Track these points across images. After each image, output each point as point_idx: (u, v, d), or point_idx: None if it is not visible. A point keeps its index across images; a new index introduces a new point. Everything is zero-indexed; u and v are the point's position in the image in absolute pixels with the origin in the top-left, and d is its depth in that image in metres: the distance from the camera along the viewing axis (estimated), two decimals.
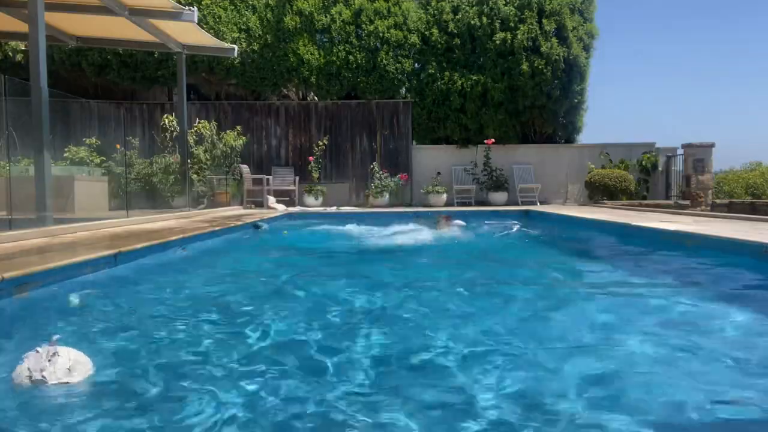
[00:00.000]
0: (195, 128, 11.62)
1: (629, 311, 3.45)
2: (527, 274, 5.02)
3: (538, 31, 12.98)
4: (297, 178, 13.20)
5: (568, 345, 2.74)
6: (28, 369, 2.12)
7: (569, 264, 5.72)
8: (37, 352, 2.18)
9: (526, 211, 10.80)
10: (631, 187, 12.49)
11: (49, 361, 2.13)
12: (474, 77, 13.23)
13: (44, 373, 2.10)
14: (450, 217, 8.76)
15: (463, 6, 13.45)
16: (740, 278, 4.34)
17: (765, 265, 4.22)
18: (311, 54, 13.10)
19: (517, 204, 12.74)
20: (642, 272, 4.79)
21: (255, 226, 8.06)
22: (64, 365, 2.15)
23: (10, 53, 11.72)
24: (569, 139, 14.47)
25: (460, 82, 13.23)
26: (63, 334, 2.51)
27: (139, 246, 4.64)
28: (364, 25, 13.23)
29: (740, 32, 54.68)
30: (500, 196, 12.98)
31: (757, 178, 14.81)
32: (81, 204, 8.68)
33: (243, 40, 12.90)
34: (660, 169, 13.60)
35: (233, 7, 13.10)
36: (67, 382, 2.13)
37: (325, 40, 13.37)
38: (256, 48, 13.02)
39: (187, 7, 8.20)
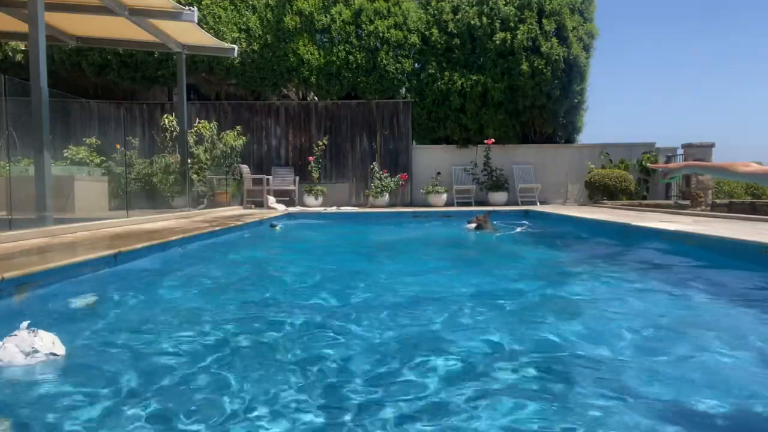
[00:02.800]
0: (195, 128, 11.62)
1: (626, 309, 3.45)
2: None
3: (538, 31, 12.97)
4: (297, 178, 13.20)
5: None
6: (16, 346, 2.26)
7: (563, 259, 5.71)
8: (16, 335, 2.32)
9: (526, 211, 10.80)
10: (631, 187, 12.48)
11: (35, 336, 2.30)
12: (474, 77, 13.23)
13: (35, 346, 2.26)
14: (484, 217, 8.21)
15: (463, 6, 13.45)
16: (739, 278, 4.34)
17: (764, 265, 4.23)
18: (311, 54, 13.09)
19: (517, 204, 12.74)
20: (640, 272, 4.79)
21: (271, 225, 8.81)
22: (49, 339, 2.34)
23: (10, 53, 11.71)
24: (569, 139, 14.46)
25: (460, 82, 13.22)
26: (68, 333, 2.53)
27: (139, 246, 4.64)
28: (364, 25, 13.22)
29: (741, 32, 54.70)
30: (500, 196, 12.98)
31: None
32: (81, 204, 8.67)
33: (243, 40, 12.90)
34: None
35: (233, 7, 13.09)
36: (56, 354, 2.31)
37: (325, 40, 13.37)
38: (256, 48, 13.02)
39: (187, 7, 8.19)
